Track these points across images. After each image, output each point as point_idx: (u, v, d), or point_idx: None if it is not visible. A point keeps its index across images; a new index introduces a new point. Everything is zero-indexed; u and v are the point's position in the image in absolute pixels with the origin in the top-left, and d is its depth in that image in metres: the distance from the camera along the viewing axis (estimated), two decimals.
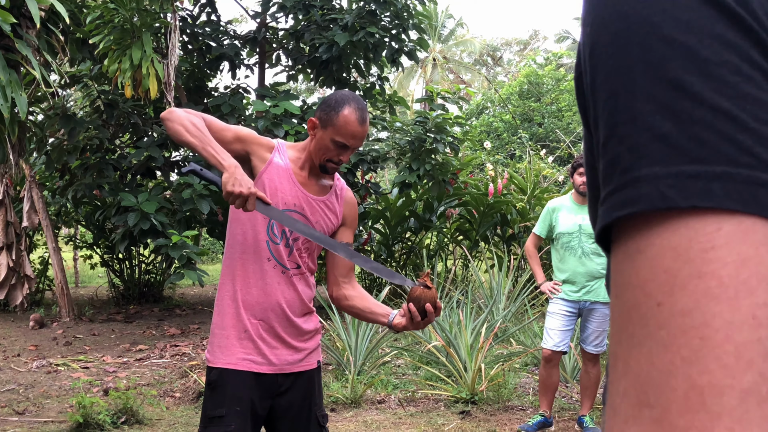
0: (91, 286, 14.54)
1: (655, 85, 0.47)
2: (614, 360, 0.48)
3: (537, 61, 28.68)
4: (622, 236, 0.48)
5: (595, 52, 0.53)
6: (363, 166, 9.86)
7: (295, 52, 10.86)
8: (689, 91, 0.46)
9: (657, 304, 0.44)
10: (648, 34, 0.48)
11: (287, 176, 2.60)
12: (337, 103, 2.55)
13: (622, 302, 0.47)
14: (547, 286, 5.19)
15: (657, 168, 0.46)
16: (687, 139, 0.45)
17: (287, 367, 2.64)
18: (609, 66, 0.51)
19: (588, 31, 0.54)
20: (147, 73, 8.13)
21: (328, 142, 2.56)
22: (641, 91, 0.48)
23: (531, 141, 19.75)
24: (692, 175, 0.45)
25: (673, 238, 0.45)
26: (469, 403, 5.93)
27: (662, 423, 0.43)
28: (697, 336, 0.42)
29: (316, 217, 2.66)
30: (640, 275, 0.46)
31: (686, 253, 0.44)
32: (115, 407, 5.39)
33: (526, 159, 13.91)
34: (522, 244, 10.54)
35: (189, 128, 2.41)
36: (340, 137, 2.54)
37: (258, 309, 2.58)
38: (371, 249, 11.62)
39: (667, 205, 0.45)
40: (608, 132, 0.50)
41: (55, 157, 9.94)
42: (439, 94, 10.30)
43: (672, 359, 0.43)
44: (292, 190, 2.60)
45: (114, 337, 8.78)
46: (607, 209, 0.49)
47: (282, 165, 2.60)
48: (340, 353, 6.80)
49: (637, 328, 0.45)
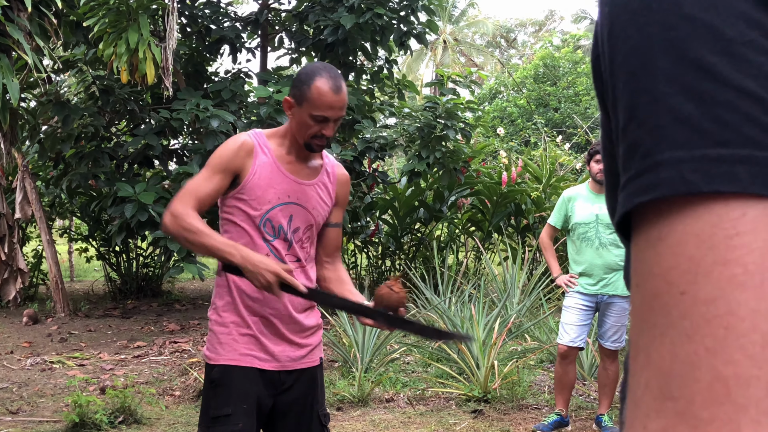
0: (87, 280, 14.60)
1: (677, 66, 0.47)
2: (635, 351, 0.48)
3: (553, 42, 28.58)
4: (642, 223, 0.48)
5: (614, 32, 0.53)
6: (370, 154, 9.86)
7: (299, 35, 10.86)
8: (712, 72, 0.46)
9: (680, 293, 0.44)
10: (669, 12, 0.48)
11: (275, 169, 2.63)
12: (307, 76, 2.56)
13: (644, 291, 0.47)
14: (562, 279, 5.19)
15: (679, 152, 0.46)
16: (710, 122, 0.45)
17: (290, 364, 2.67)
18: (628, 46, 0.51)
19: (606, 10, 0.54)
20: (144, 58, 8.14)
21: (307, 119, 2.57)
22: (662, 71, 0.48)
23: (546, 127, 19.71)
24: (716, 158, 0.45)
25: (696, 224, 0.45)
26: (481, 401, 5.95)
27: (686, 415, 0.43)
28: (721, 325, 0.42)
29: (312, 204, 2.70)
30: (662, 263, 0.46)
31: (710, 240, 0.44)
32: (112, 406, 5.42)
33: (542, 146, 13.89)
34: (537, 235, 10.53)
35: (189, 239, 2.52)
36: (318, 110, 2.55)
37: (258, 305, 2.62)
38: (379, 241, 11.63)
39: (690, 190, 0.45)
40: (628, 115, 0.50)
41: (49, 146, 9.97)
42: (449, 78, 10.28)
43: (696, 349, 0.43)
44: (283, 181, 2.63)
45: (111, 334, 8.83)
46: (628, 195, 0.49)
47: (267, 161, 2.63)
48: (347, 350, 6.82)
49: (659, 317, 0.45)
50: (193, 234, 2.50)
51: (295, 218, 2.67)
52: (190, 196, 2.56)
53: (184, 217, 2.51)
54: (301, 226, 2.68)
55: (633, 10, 0.51)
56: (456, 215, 11.90)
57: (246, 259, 2.46)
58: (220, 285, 2.67)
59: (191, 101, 8.97)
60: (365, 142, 9.78)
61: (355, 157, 9.62)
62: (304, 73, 2.59)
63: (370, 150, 9.82)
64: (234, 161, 2.59)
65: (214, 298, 2.70)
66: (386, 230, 11.79)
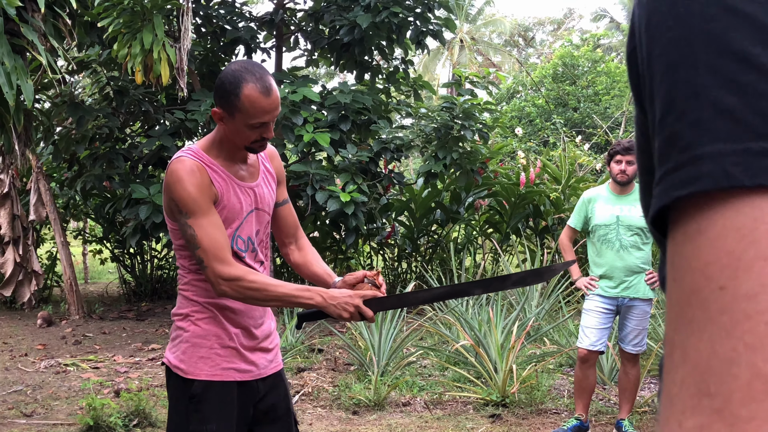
0: (101, 282, 14.68)
1: (719, 57, 0.47)
2: (671, 348, 0.47)
3: (573, 41, 28.48)
4: (681, 217, 0.48)
5: (652, 23, 0.52)
6: (386, 155, 9.86)
7: (314, 35, 10.87)
8: (755, 63, 0.46)
9: (719, 288, 0.44)
10: (709, 3, 0.48)
11: (231, 183, 2.55)
12: (231, 85, 2.40)
13: (681, 286, 0.47)
14: (582, 282, 5.17)
15: (721, 145, 0.45)
16: (753, 114, 0.45)
17: (264, 371, 2.67)
18: (667, 38, 0.50)
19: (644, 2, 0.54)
20: (158, 58, 8.18)
21: (244, 129, 2.45)
22: (703, 63, 0.47)
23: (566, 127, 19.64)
24: (759, 152, 0.44)
25: (738, 218, 0.44)
26: (499, 406, 5.93)
27: (723, 413, 0.42)
28: (762, 321, 0.42)
29: (266, 201, 2.68)
30: (701, 257, 0.46)
31: (752, 234, 0.44)
32: (126, 409, 5.45)
33: (561, 146, 13.85)
34: (556, 237, 10.49)
35: (258, 297, 2.46)
36: (253, 119, 2.42)
37: (240, 317, 2.59)
38: (395, 243, 11.63)
39: (732, 183, 0.45)
40: (666, 107, 0.50)
41: (63, 147, 10.03)
42: (467, 78, 10.26)
43: (735, 346, 0.42)
44: (240, 192, 2.57)
45: (125, 336, 8.87)
46: (665, 189, 0.49)
47: (223, 177, 2.53)
48: (363, 353, 6.82)
49: (697, 313, 0.45)
50: (261, 291, 2.44)
51: (255, 223, 2.64)
52: (220, 249, 2.43)
53: (244, 278, 2.42)
54: (260, 228, 2.66)
55: (672, 2, 0.50)
56: (473, 217, 11.88)
57: (327, 298, 2.44)
58: (188, 297, 2.59)
59: (206, 102, 9.01)
60: (381, 143, 9.79)
61: (371, 158, 9.62)
62: (227, 81, 2.42)
63: (386, 151, 9.82)
64: (208, 189, 2.47)
65: (183, 309, 2.60)
66: (402, 232, 11.78)
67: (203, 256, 2.42)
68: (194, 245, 2.43)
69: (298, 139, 9.01)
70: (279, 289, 2.46)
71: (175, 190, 2.43)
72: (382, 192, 10.37)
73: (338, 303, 2.44)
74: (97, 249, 12.95)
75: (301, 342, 7.80)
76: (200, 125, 9.16)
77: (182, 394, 2.56)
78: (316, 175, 9.02)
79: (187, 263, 2.57)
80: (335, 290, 2.47)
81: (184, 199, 2.42)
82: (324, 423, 5.62)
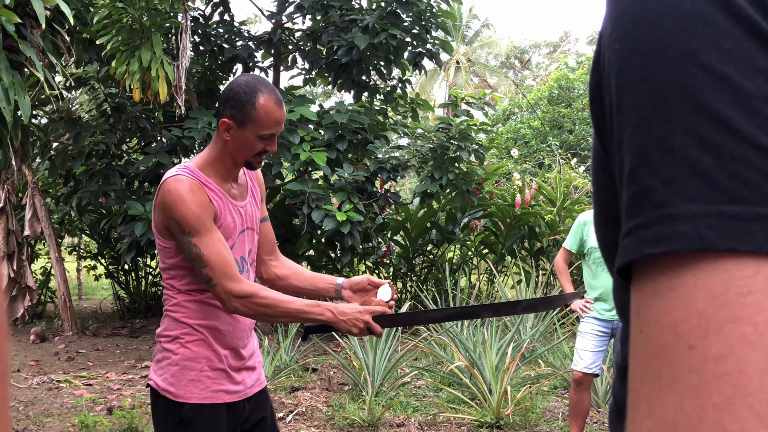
0: (95, 298, 14.63)
1: (695, 117, 0.47)
2: (636, 398, 0.48)
3: (569, 64, 28.63)
4: (650, 271, 0.49)
5: (624, 71, 0.52)
6: (382, 175, 9.87)
7: (312, 54, 10.92)
8: (731, 126, 0.46)
9: (689, 347, 0.45)
10: (687, 61, 0.48)
11: (226, 202, 2.54)
12: (247, 94, 2.44)
13: (648, 340, 0.47)
14: (578, 304, 5.16)
15: (695, 206, 0.46)
16: (727, 177, 0.46)
17: (250, 390, 2.65)
18: (641, 90, 0.51)
19: (616, 47, 0.54)
20: (156, 76, 8.19)
21: (253, 140, 2.47)
22: (679, 121, 0.48)
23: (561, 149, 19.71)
24: (732, 215, 0.45)
25: (709, 279, 0.45)
26: (494, 427, 5.91)
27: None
28: (730, 383, 0.43)
29: (255, 220, 2.68)
30: (670, 314, 0.46)
31: (722, 297, 0.45)
32: (119, 427, 5.41)
33: (556, 168, 13.88)
34: (551, 258, 10.49)
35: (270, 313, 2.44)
36: (266, 129, 2.46)
37: (229, 338, 2.57)
38: (390, 262, 11.62)
39: (705, 246, 0.45)
40: (638, 160, 0.50)
41: (59, 163, 10.02)
42: (463, 99, 10.30)
43: (703, 405, 0.43)
44: (234, 212, 2.56)
45: (118, 353, 8.83)
46: (636, 243, 0.49)
47: (219, 196, 2.52)
48: (357, 373, 6.80)
49: (665, 368, 0.46)
50: (273, 308, 2.42)
51: (248, 242, 2.63)
52: (228, 266, 2.41)
53: (256, 294, 2.41)
54: (252, 247, 2.66)
55: (647, 53, 0.51)
56: (469, 237, 11.88)
57: (337, 314, 2.42)
58: (177, 318, 2.56)
59: (203, 120, 9.02)
60: (377, 163, 9.80)
61: (368, 178, 9.63)
62: (241, 91, 2.45)
63: (383, 170, 9.84)
64: (209, 207, 2.46)
65: (171, 331, 2.57)
66: (398, 251, 11.78)
67: (212, 275, 2.39)
68: (201, 264, 2.40)
69: (294, 157, 9.02)
70: (290, 306, 2.44)
71: (176, 209, 2.41)
72: (378, 211, 10.38)
73: (348, 319, 2.43)
74: (91, 265, 12.92)
75: (296, 361, 7.77)
76: (197, 143, 9.17)
77: (172, 417, 2.52)
78: (312, 194, 9.02)
79: (177, 284, 2.53)
80: (345, 305, 2.46)
81: (187, 218, 2.40)
82: None
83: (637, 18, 0.52)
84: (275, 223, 9.94)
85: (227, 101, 2.47)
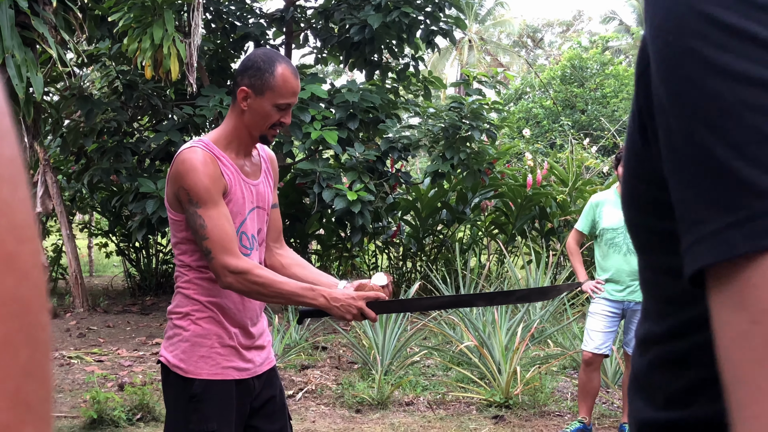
0: (106, 275, 14.71)
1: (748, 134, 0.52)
2: (752, 381, 0.50)
3: (582, 43, 28.45)
4: (749, 264, 0.51)
5: (681, 97, 0.55)
6: (393, 154, 9.86)
7: (324, 33, 10.88)
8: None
9: None
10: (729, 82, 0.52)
11: (238, 177, 2.55)
12: (266, 63, 2.48)
13: (763, 327, 0.50)
14: (589, 285, 5.16)
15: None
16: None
17: (259, 368, 2.67)
18: (696, 117, 0.54)
19: (666, 73, 0.57)
20: (168, 53, 8.19)
21: (269, 109, 2.49)
22: (730, 136, 0.52)
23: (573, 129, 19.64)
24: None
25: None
26: (502, 407, 5.93)
27: None
28: None
29: (267, 200, 2.69)
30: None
31: None
32: (130, 403, 5.46)
33: (568, 148, 13.83)
34: (561, 239, 10.48)
35: (264, 292, 2.45)
36: (283, 98, 2.49)
37: (240, 315, 2.59)
38: (400, 242, 11.64)
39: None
40: (700, 166, 0.54)
41: (71, 140, 10.05)
42: (475, 77, 10.26)
43: None
44: (245, 188, 2.57)
45: (129, 330, 8.89)
46: (732, 240, 0.52)
47: (231, 171, 2.53)
48: (367, 351, 6.83)
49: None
50: (267, 287, 2.43)
51: (258, 221, 2.65)
52: (229, 241, 2.43)
53: (251, 271, 2.42)
54: (263, 227, 2.67)
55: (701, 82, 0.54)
56: (479, 217, 11.87)
57: (330, 299, 2.44)
58: (189, 295, 2.57)
59: (215, 98, 9.02)
60: (389, 142, 9.79)
61: (378, 157, 9.62)
62: (260, 60, 2.50)
63: (394, 150, 9.83)
64: (219, 180, 2.47)
65: (182, 307, 2.58)
66: (408, 231, 11.78)
67: (211, 247, 2.41)
68: (202, 236, 2.42)
69: (305, 136, 9.01)
70: (284, 287, 2.46)
71: (187, 179, 2.43)
72: (389, 191, 10.38)
73: (341, 305, 2.44)
74: (102, 242, 12.98)
75: (305, 339, 7.81)
76: (209, 121, 9.17)
77: (182, 393, 2.54)
78: (323, 173, 9.03)
79: (188, 259, 2.55)
80: (338, 291, 2.47)
81: (197, 187, 2.42)
82: (327, 421, 5.63)
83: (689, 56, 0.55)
84: (285, 202, 9.96)
85: (246, 70, 2.50)
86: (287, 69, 2.49)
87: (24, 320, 0.34)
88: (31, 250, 0.36)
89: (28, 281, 0.35)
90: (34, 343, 0.34)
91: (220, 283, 2.45)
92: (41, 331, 0.36)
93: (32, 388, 0.34)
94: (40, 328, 0.35)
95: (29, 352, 0.34)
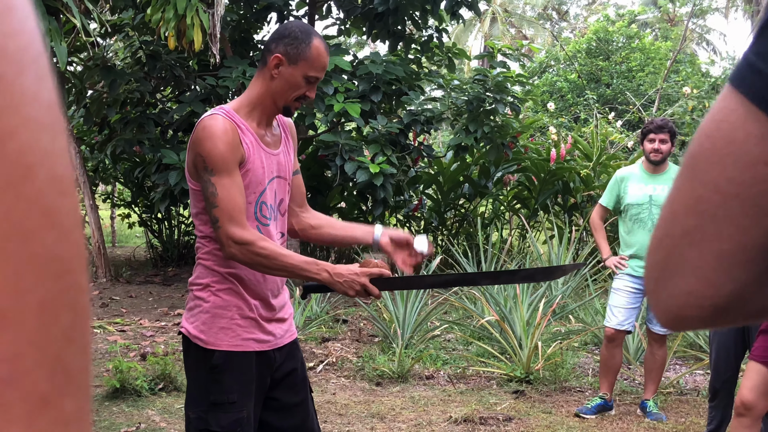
0: (129, 246, 14.82)
1: None
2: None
3: (609, 16, 28.11)
4: None
5: None
6: (416, 127, 9.81)
7: (348, 3, 10.80)
8: None
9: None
10: None
11: (258, 147, 2.54)
12: (303, 34, 2.51)
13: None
14: (612, 261, 5.14)
15: None
16: None
17: (280, 341, 2.67)
18: None
19: None
20: (191, 24, 8.17)
21: (300, 79, 2.51)
22: None
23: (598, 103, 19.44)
24: None
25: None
26: (523, 382, 5.94)
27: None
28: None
29: (287, 170, 2.68)
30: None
31: None
32: (152, 373, 5.51)
33: (593, 122, 13.71)
34: (584, 214, 10.42)
35: (267, 264, 2.45)
36: (314, 71, 2.52)
37: (260, 287, 2.59)
38: (421, 215, 11.62)
39: None
40: None
41: (94, 111, 10.08)
42: (499, 50, 10.17)
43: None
44: (266, 157, 2.57)
45: (152, 300, 8.96)
46: None
47: (250, 139, 2.52)
48: (387, 325, 6.85)
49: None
50: (270, 259, 2.43)
51: (278, 192, 2.64)
52: (238, 212, 2.43)
53: (255, 243, 2.41)
54: (284, 197, 2.67)
55: None
56: (502, 192, 11.82)
57: (333, 275, 2.44)
58: (209, 266, 2.58)
59: (237, 69, 9.00)
60: (411, 115, 9.73)
61: (401, 130, 9.58)
62: (298, 30, 2.54)
63: (416, 123, 9.77)
64: (237, 150, 2.47)
65: (202, 279, 2.59)
66: (429, 205, 11.76)
67: (219, 216, 2.42)
68: (212, 203, 2.42)
69: (328, 108, 8.98)
70: (287, 260, 2.46)
71: (205, 146, 2.43)
72: (411, 164, 10.34)
73: (344, 281, 2.44)
74: (125, 213, 13.06)
75: (326, 312, 7.84)
76: (231, 92, 9.16)
77: (202, 364, 2.56)
78: (345, 145, 9.01)
79: (207, 230, 2.55)
80: (342, 267, 2.46)
81: (213, 155, 2.42)
82: (347, 393, 5.66)
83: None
84: (307, 174, 9.95)
85: (282, 38, 2.52)
86: (322, 44, 2.54)
87: (65, 282, 0.32)
88: (72, 205, 0.34)
89: (69, 239, 0.33)
90: (75, 308, 0.33)
91: (224, 253, 2.45)
92: (82, 294, 0.34)
93: (73, 357, 0.32)
94: (81, 291, 0.34)
95: (71, 317, 0.32)
